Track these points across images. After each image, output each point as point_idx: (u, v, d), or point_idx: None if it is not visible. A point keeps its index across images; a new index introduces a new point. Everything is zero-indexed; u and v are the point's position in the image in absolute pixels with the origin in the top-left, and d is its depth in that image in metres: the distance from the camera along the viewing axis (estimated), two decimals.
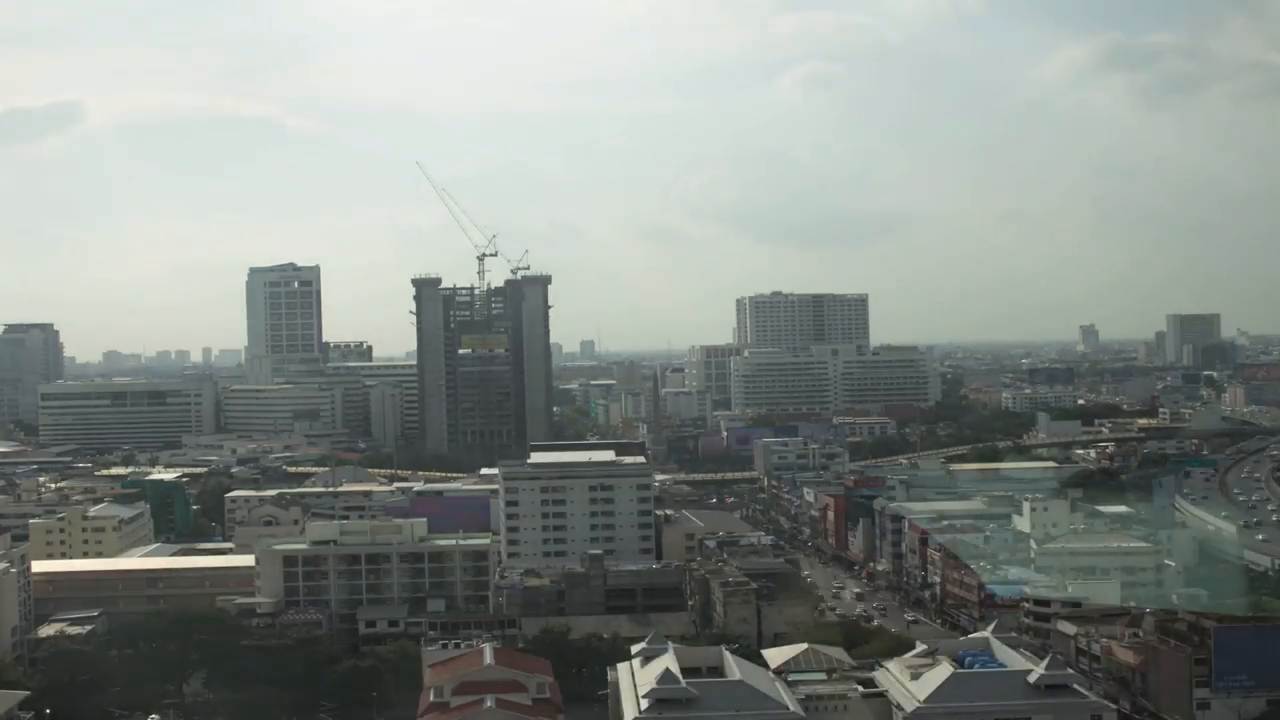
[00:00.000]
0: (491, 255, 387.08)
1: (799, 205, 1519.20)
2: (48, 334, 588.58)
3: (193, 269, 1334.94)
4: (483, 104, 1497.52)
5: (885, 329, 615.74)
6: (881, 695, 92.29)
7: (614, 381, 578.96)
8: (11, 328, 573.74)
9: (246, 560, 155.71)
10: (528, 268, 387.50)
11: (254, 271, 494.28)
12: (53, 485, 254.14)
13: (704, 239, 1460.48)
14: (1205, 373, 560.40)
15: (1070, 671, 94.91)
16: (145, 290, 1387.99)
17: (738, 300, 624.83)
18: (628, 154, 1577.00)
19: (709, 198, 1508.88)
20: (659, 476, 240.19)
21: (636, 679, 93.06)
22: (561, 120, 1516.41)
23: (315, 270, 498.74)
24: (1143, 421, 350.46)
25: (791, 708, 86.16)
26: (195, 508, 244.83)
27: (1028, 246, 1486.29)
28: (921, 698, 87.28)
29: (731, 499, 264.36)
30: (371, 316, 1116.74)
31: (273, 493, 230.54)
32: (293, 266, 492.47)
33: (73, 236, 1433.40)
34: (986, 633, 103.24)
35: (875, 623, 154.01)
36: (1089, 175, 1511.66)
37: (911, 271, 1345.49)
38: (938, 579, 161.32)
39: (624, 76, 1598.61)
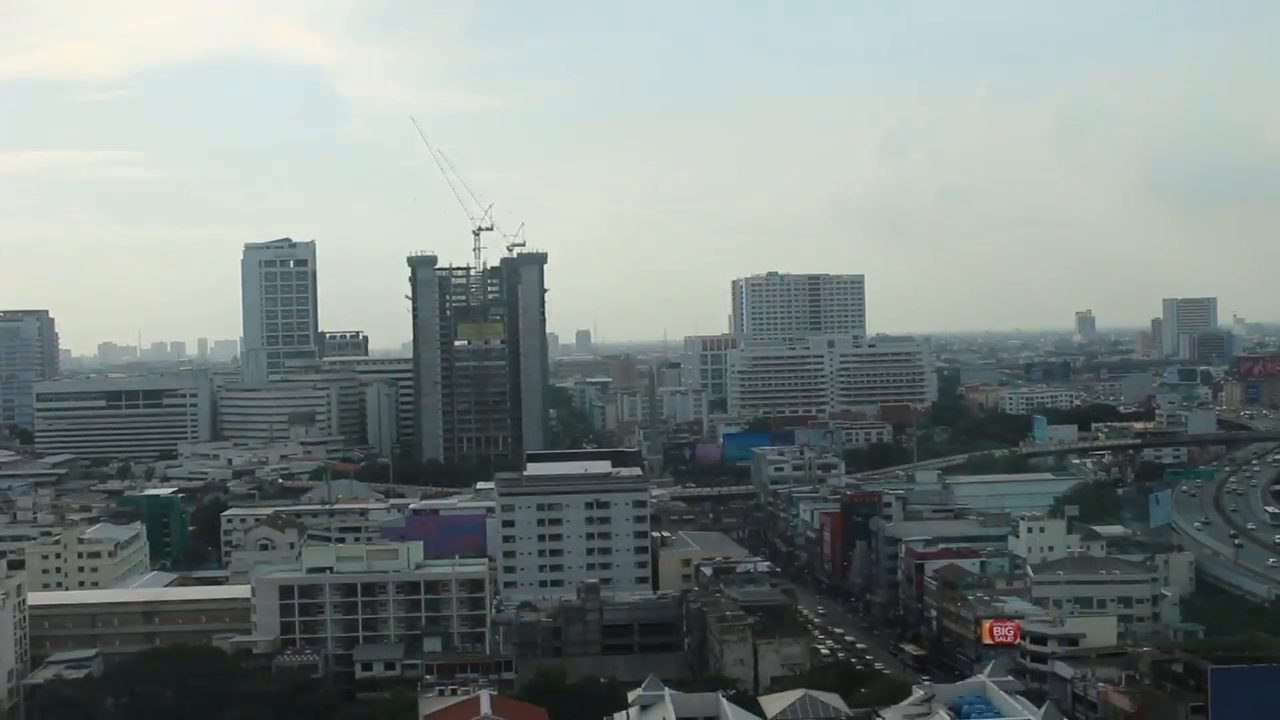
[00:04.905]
0: (488, 229, 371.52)
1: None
2: (43, 322, 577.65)
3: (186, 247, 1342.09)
4: None
5: (880, 313, 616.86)
6: None
7: (610, 379, 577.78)
8: (6, 315, 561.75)
9: (242, 591, 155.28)
10: (523, 244, 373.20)
11: (249, 249, 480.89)
12: (49, 501, 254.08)
13: None
14: (1201, 368, 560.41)
15: None
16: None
17: (733, 282, 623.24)
18: None
19: None
20: (655, 491, 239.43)
21: None
22: None
23: (311, 247, 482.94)
24: (1139, 425, 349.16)
25: None
26: (191, 528, 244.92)
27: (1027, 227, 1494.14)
28: None
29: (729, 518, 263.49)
30: (365, 302, 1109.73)
31: (268, 510, 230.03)
32: (288, 242, 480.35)
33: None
34: (983, 677, 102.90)
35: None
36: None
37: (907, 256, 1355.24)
38: (934, 612, 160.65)
39: None
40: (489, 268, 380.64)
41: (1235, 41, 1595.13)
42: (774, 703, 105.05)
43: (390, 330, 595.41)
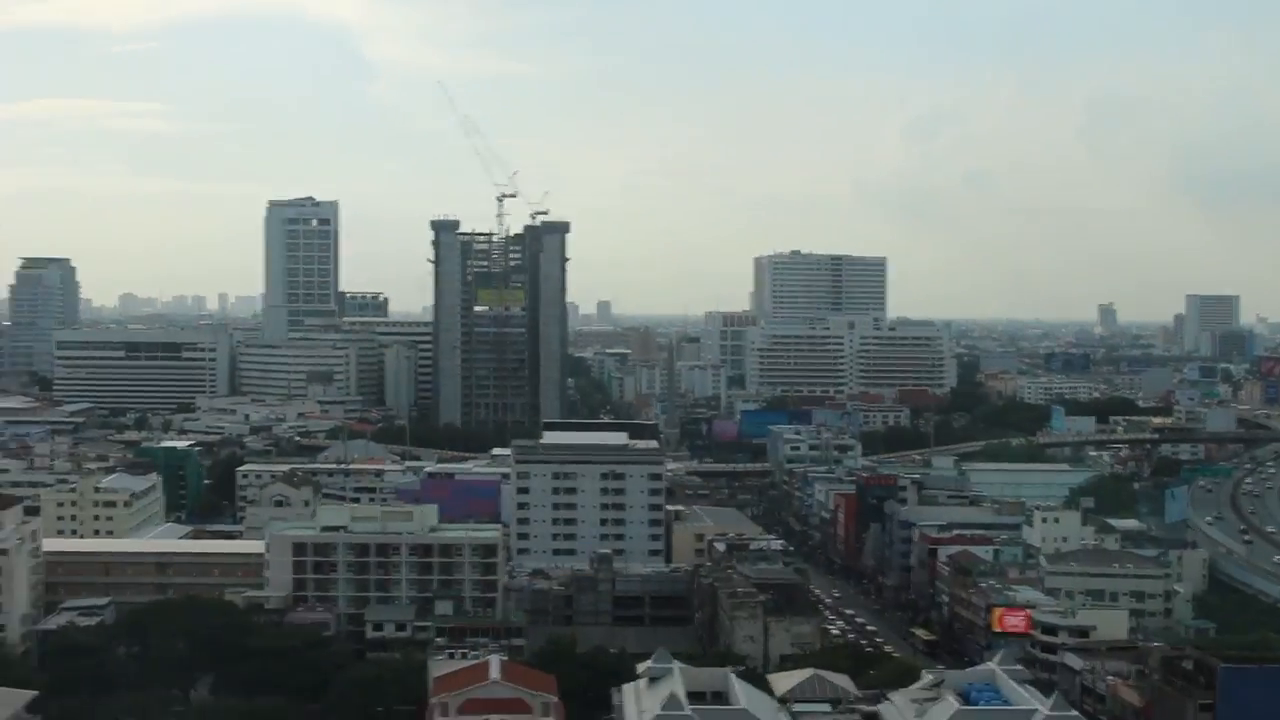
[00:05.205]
0: (511, 196, 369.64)
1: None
2: (65, 271, 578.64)
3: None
4: None
5: (902, 296, 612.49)
6: None
7: (629, 350, 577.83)
8: (30, 262, 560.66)
9: (256, 547, 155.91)
10: (546, 212, 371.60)
11: (273, 206, 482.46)
12: (66, 449, 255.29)
13: None
14: (1222, 366, 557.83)
15: (1074, 714, 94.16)
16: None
17: (756, 259, 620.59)
18: None
19: None
20: (671, 465, 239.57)
21: (642, 703, 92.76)
22: None
23: (334, 206, 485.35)
24: (1157, 420, 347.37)
25: None
26: (207, 482, 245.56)
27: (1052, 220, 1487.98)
28: None
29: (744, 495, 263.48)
30: (387, 264, 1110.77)
31: (284, 468, 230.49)
32: (312, 201, 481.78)
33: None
34: (992, 664, 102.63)
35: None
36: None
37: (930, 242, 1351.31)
38: (946, 598, 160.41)
39: None
40: (511, 234, 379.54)
41: (1272, 37, 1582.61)
42: (783, 681, 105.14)
43: (411, 293, 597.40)
